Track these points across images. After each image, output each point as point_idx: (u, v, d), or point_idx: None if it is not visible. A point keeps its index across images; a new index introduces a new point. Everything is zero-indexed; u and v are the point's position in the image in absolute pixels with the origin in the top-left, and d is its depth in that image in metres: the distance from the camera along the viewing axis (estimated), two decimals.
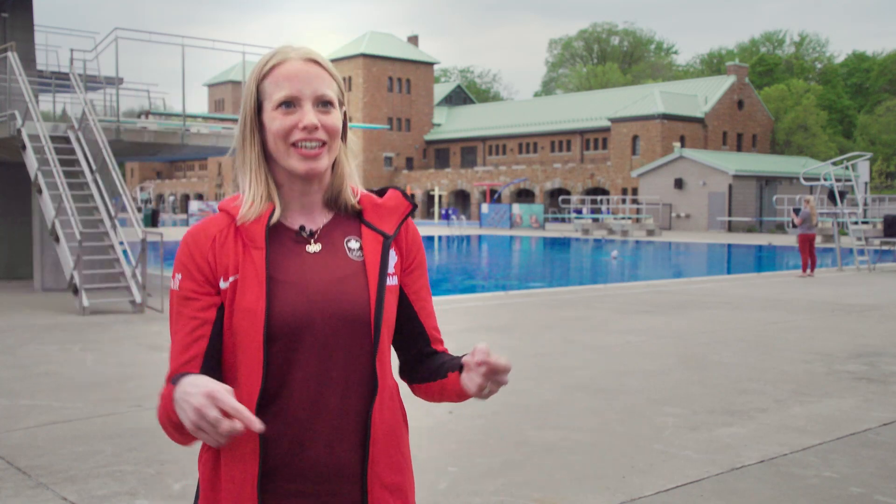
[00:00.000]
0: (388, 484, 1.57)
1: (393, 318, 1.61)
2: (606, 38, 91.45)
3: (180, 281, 1.53)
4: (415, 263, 1.66)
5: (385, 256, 1.58)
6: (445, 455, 4.76)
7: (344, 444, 1.52)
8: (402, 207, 1.63)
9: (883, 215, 25.46)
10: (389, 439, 1.58)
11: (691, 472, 4.50)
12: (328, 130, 1.53)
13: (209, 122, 24.56)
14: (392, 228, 1.61)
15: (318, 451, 1.51)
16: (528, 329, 9.67)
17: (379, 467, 1.55)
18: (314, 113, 1.52)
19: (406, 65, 71.89)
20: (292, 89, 1.51)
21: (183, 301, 1.52)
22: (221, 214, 1.58)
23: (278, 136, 1.51)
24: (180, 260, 1.54)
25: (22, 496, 4.09)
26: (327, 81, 1.55)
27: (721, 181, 44.85)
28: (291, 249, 1.55)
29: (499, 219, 47.76)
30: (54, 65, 17.68)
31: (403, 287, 1.65)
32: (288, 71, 1.53)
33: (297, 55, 1.55)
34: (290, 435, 1.50)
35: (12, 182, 14.76)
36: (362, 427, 1.53)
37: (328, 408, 1.51)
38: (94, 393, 6.25)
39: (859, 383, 6.83)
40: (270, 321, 1.48)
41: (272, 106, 1.52)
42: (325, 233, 1.59)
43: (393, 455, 1.58)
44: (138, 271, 11.20)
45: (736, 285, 15.19)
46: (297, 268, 1.54)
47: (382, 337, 1.55)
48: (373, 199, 1.63)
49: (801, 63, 74.89)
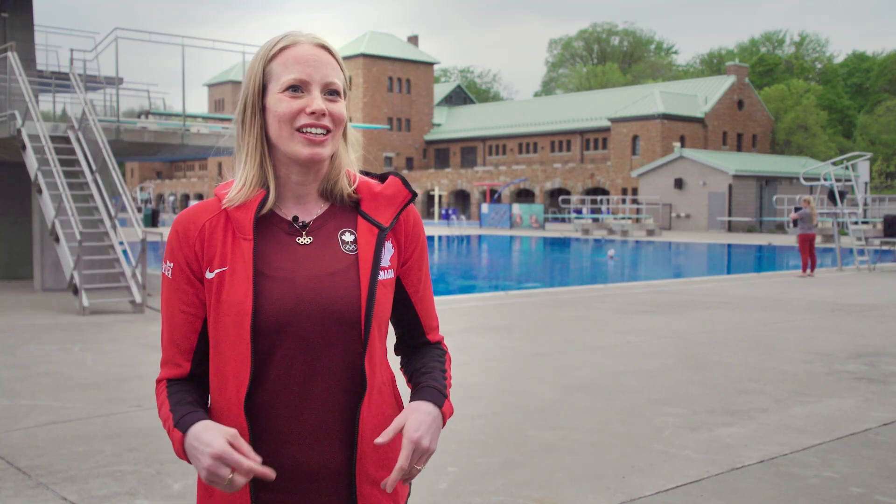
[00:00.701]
0: (377, 481, 1.54)
1: (387, 312, 1.57)
2: (606, 38, 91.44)
3: (172, 270, 1.53)
4: (413, 255, 1.61)
5: (379, 250, 1.53)
6: (445, 455, 4.76)
7: (330, 442, 1.50)
8: (400, 196, 1.59)
9: (883, 215, 25.46)
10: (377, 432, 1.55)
11: (691, 472, 4.50)
12: (334, 119, 1.49)
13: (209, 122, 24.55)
14: (389, 219, 1.56)
15: (304, 448, 1.50)
16: (528, 329, 9.67)
17: (368, 465, 1.53)
18: (322, 99, 1.48)
19: (406, 65, 71.89)
20: (302, 73, 1.47)
21: (174, 291, 1.53)
22: (215, 201, 1.55)
23: (284, 119, 1.47)
24: (171, 248, 1.53)
25: (22, 496, 4.09)
26: (336, 70, 1.51)
27: (721, 181, 44.85)
28: (282, 241, 1.52)
29: (499, 219, 47.76)
30: (54, 65, 17.69)
31: (401, 277, 1.61)
32: (298, 54, 1.48)
33: (308, 40, 1.51)
34: (275, 430, 1.49)
35: (12, 182, 14.75)
36: (350, 425, 1.51)
37: (314, 405, 1.49)
38: (94, 393, 6.24)
39: (859, 383, 6.83)
40: (257, 317, 1.46)
41: (279, 88, 1.48)
42: (319, 224, 1.55)
43: (384, 452, 1.55)
44: (138, 271, 11.20)
45: (736, 285, 15.18)
46: (286, 262, 1.50)
47: (373, 333, 1.52)
48: (371, 188, 1.59)
49: (801, 63, 74.87)
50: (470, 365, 7.32)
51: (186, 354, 1.54)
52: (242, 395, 1.47)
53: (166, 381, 1.55)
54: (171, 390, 1.53)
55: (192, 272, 1.52)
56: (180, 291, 1.53)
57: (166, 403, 1.51)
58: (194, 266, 1.51)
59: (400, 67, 71.44)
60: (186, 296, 1.52)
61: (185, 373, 1.55)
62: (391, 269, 1.57)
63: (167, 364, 1.56)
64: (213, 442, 1.36)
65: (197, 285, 1.52)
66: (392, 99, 70.97)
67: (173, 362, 1.55)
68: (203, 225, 1.52)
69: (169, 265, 1.53)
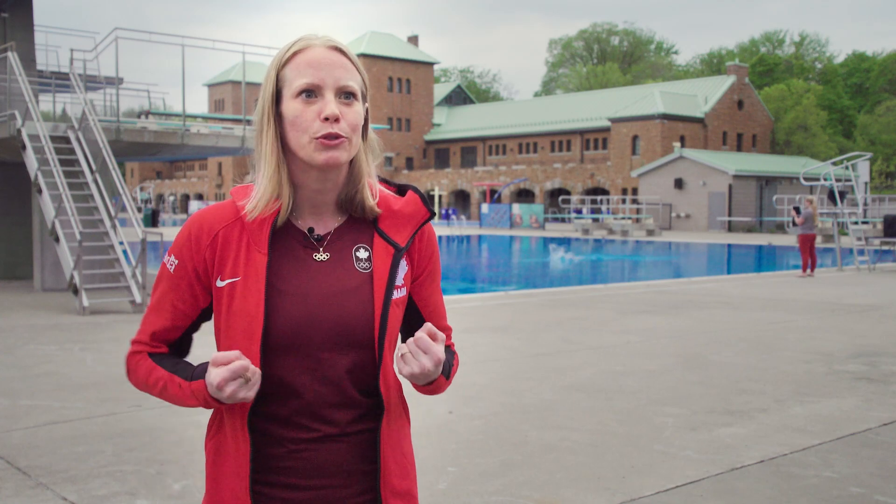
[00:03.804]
0: (399, 491, 1.56)
1: (398, 329, 1.57)
2: (606, 38, 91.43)
3: (175, 266, 1.52)
4: (426, 272, 1.60)
5: (394, 270, 1.51)
6: (445, 455, 4.76)
7: (339, 447, 1.50)
8: (418, 215, 1.56)
9: (883, 215, 25.46)
10: (397, 448, 1.57)
11: (691, 472, 4.50)
12: (349, 124, 1.46)
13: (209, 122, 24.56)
14: (405, 239, 1.54)
15: (312, 452, 1.49)
16: (528, 329, 9.67)
17: (391, 477, 1.54)
18: (336, 104, 1.45)
19: (406, 65, 71.89)
20: (314, 77, 1.44)
21: (169, 284, 1.53)
22: (231, 205, 1.53)
23: (298, 125, 1.44)
24: (179, 246, 1.52)
25: (22, 496, 4.09)
26: (351, 72, 1.48)
27: (721, 181, 44.85)
28: (297, 255, 1.50)
29: (499, 219, 47.77)
30: (54, 65, 17.70)
31: (412, 294, 1.59)
32: (310, 58, 1.46)
33: (321, 42, 1.48)
34: (282, 436, 1.49)
35: (12, 182, 14.75)
36: (361, 433, 1.51)
37: (324, 417, 1.48)
38: (94, 393, 6.24)
39: (859, 383, 6.83)
40: (268, 332, 1.45)
41: (292, 94, 1.45)
42: (335, 239, 1.53)
43: (400, 461, 1.57)
44: (138, 271, 11.20)
45: (736, 285, 15.18)
46: (300, 276, 1.49)
47: (386, 353, 1.51)
48: (390, 204, 1.56)
49: (801, 63, 74.87)
50: (470, 365, 7.31)
51: (164, 344, 1.55)
52: (247, 407, 1.47)
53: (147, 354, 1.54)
54: (156, 357, 1.53)
55: (198, 276, 1.51)
56: (177, 288, 1.52)
57: (158, 368, 1.51)
58: (201, 271, 1.51)
59: (400, 67, 71.44)
60: (181, 293, 1.52)
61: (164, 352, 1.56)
62: (404, 287, 1.56)
63: (141, 344, 1.55)
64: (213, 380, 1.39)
65: (196, 289, 1.52)
66: (392, 99, 70.97)
67: (149, 345, 1.55)
68: (217, 233, 1.50)
69: (173, 260, 1.52)
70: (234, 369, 1.36)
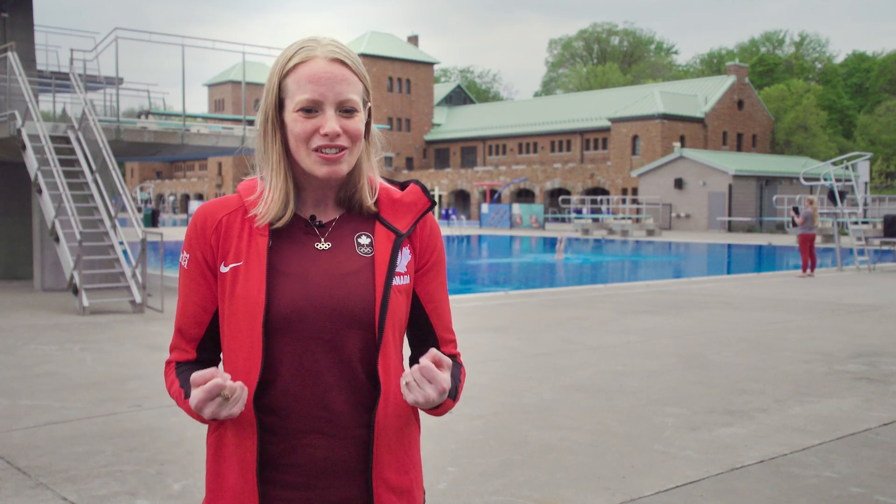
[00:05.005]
0: (395, 486, 1.54)
1: (403, 318, 1.57)
2: (606, 38, 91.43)
3: (188, 261, 1.57)
4: (429, 263, 1.61)
5: (395, 254, 1.54)
6: (445, 455, 4.76)
7: (343, 442, 1.50)
8: (419, 204, 1.59)
9: (883, 215, 25.47)
10: (396, 440, 1.55)
11: (691, 472, 4.50)
12: (350, 136, 1.49)
13: (209, 122, 24.57)
14: (406, 226, 1.57)
15: (315, 447, 1.50)
16: (528, 329, 9.67)
17: (384, 469, 1.53)
18: (336, 118, 1.47)
19: (406, 65, 71.89)
20: (315, 93, 1.46)
21: (188, 281, 1.57)
22: (236, 197, 1.57)
23: (299, 139, 1.48)
24: (189, 240, 1.57)
25: (22, 496, 4.09)
26: (353, 84, 1.49)
27: (721, 181, 44.85)
28: (299, 241, 1.54)
29: (499, 219, 47.77)
30: (54, 65, 17.70)
31: (416, 287, 1.60)
32: (311, 72, 1.47)
33: (323, 54, 1.48)
34: (286, 428, 1.50)
35: (12, 182, 14.76)
36: (364, 427, 1.51)
37: (326, 404, 1.49)
38: (94, 393, 6.24)
39: (859, 383, 6.83)
40: (269, 313, 1.47)
41: (293, 107, 1.48)
42: (337, 226, 1.56)
43: (399, 456, 1.56)
44: (138, 271, 11.20)
45: (736, 285, 15.18)
46: (301, 260, 1.52)
47: (387, 337, 1.51)
48: (391, 195, 1.60)
49: (801, 63, 74.86)
50: (470, 365, 7.31)
51: (192, 343, 1.59)
52: (252, 389, 1.48)
53: (175, 363, 1.60)
54: (178, 370, 1.58)
55: (207, 265, 1.55)
56: (193, 283, 1.56)
57: (176, 381, 1.56)
58: (209, 258, 1.54)
59: (400, 67, 71.44)
60: (199, 287, 1.56)
61: (192, 358, 1.59)
62: (407, 275, 1.57)
63: (175, 349, 1.61)
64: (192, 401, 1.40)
65: (209, 278, 1.55)
66: (392, 99, 70.97)
67: (180, 348, 1.60)
68: (220, 219, 1.54)
69: (186, 256, 1.57)
70: (208, 389, 1.38)
